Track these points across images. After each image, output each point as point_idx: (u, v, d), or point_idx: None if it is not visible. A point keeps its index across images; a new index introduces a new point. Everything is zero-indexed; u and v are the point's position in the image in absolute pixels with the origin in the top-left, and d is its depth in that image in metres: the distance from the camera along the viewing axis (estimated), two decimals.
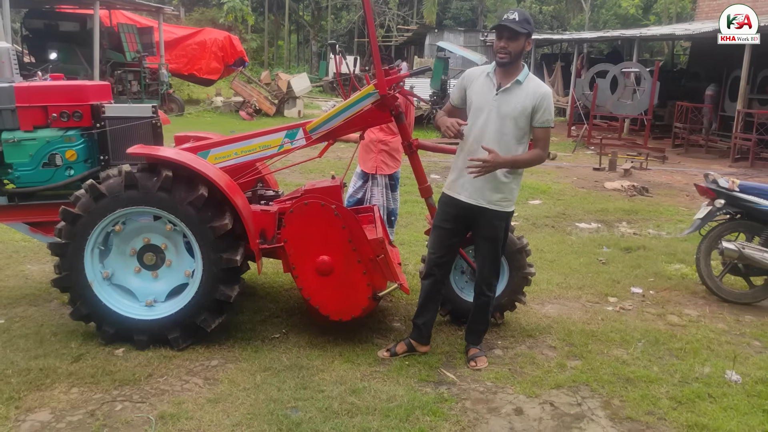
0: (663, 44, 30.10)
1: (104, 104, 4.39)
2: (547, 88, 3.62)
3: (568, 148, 14.86)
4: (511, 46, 3.49)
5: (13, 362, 3.60)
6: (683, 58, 26.78)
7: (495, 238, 3.76)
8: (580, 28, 36.17)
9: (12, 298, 4.57)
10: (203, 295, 3.78)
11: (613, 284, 5.50)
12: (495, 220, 3.70)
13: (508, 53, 3.50)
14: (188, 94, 23.51)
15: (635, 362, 3.98)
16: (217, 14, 34.74)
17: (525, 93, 3.55)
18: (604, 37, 23.13)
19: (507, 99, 3.56)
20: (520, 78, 3.57)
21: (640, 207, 8.71)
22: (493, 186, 3.63)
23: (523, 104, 3.54)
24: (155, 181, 3.66)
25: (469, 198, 3.68)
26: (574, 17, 41.36)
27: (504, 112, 3.56)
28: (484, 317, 3.97)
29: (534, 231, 7.23)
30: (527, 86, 3.57)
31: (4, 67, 4.28)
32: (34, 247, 5.69)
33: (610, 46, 28.39)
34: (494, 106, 3.58)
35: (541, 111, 3.55)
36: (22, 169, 4.15)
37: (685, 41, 24.02)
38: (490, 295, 3.91)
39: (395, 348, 3.93)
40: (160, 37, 19.50)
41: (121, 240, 3.88)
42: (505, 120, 3.56)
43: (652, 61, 23.70)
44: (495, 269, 3.88)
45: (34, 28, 18.23)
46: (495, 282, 3.95)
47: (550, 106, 3.59)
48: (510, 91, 3.57)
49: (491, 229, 3.73)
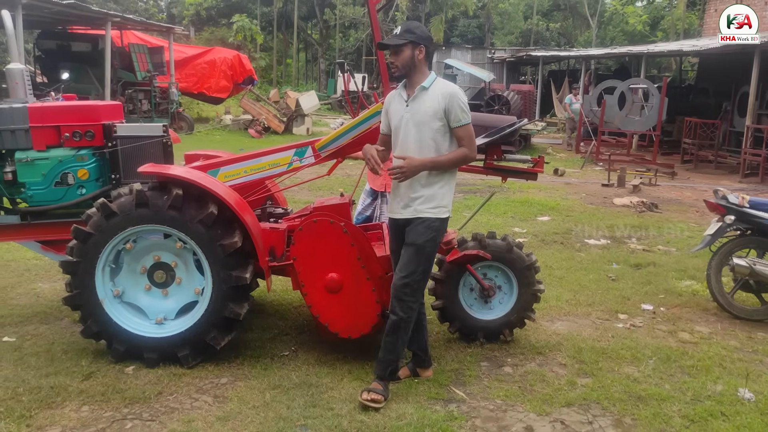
0: (671, 60, 30.14)
1: (116, 124, 4.45)
2: (453, 88, 3.58)
3: (576, 164, 14.85)
4: (398, 59, 3.50)
5: (24, 380, 3.62)
6: (691, 73, 26.80)
7: (417, 246, 3.51)
8: (588, 45, 36.27)
9: (23, 316, 4.60)
10: (213, 313, 3.79)
11: (624, 301, 5.47)
12: (421, 226, 3.53)
13: (396, 67, 3.53)
14: (198, 113, 23.71)
15: (647, 380, 3.95)
16: (227, 33, 35.13)
17: (432, 97, 3.50)
18: (611, 54, 23.21)
19: (416, 107, 3.52)
20: (425, 84, 3.53)
21: (649, 223, 8.68)
22: (419, 196, 3.53)
23: (433, 107, 3.49)
24: (166, 199, 3.69)
25: (402, 213, 3.60)
26: (581, 34, 41.51)
27: (417, 120, 3.51)
28: (390, 343, 3.59)
29: (543, 247, 7.21)
30: (434, 90, 3.52)
31: (18, 88, 4.34)
32: (45, 265, 5.74)
33: (617, 62, 28.49)
34: (408, 118, 3.54)
35: (453, 111, 3.47)
36: (35, 188, 4.20)
37: (692, 57, 24.05)
38: (401, 314, 3.53)
39: (398, 373, 3.80)
40: (171, 56, 19.72)
41: (131, 258, 3.91)
42: (420, 127, 3.51)
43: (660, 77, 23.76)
44: (411, 283, 3.52)
45: (47, 49, 18.50)
46: (408, 298, 3.53)
47: (459, 103, 3.49)
48: (417, 99, 3.53)
49: (416, 234, 3.53)
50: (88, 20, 18.23)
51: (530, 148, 17.19)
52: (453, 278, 4.36)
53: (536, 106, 24.14)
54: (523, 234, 7.78)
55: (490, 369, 4.06)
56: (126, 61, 18.34)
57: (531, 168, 4.32)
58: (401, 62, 3.51)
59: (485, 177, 4.51)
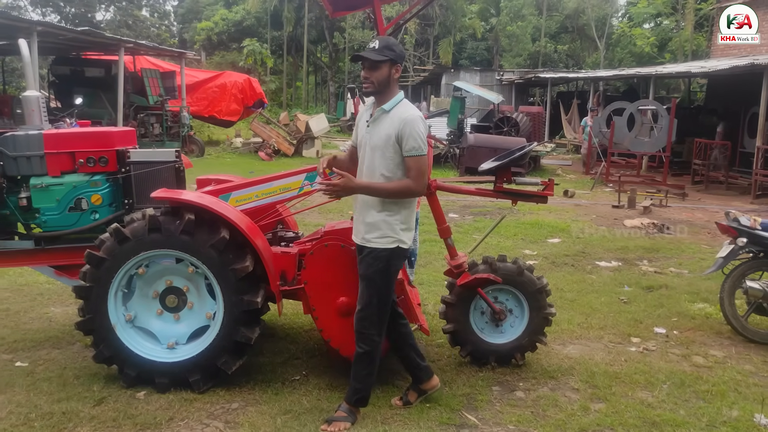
0: (679, 81, 30.18)
1: (129, 149, 4.50)
2: (412, 114, 3.34)
3: (586, 186, 14.83)
4: (373, 75, 3.33)
5: (37, 405, 3.63)
6: (700, 95, 26.82)
7: (367, 278, 3.43)
8: (596, 67, 36.44)
9: (36, 341, 4.62)
10: (224, 337, 3.80)
11: (636, 324, 5.43)
12: (369, 257, 3.43)
13: (371, 83, 3.35)
14: (208, 136, 23.91)
15: (661, 405, 3.91)
16: (237, 57, 35.58)
17: (390, 121, 3.34)
18: (619, 75, 23.27)
19: (375, 130, 3.40)
20: (385, 107, 3.36)
21: (660, 245, 8.64)
22: (368, 223, 3.43)
23: (387, 133, 3.32)
24: (178, 224, 3.72)
25: (355, 237, 3.56)
26: (589, 56, 41.75)
27: (373, 143, 3.39)
28: (359, 374, 3.53)
29: (553, 270, 7.19)
30: (393, 114, 3.35)
31: (34, 115, 4.41)
32: (57, 290, 5.77)
33: (626, 83, 28.56)
34: (366, 139, 3.44)
35: (405, 138, 3.28)
36: (49, 213, 4.24)
37: (701, 78, 24.07)
38: (363, 348, 3.48)
39: (407, 396, 3.82)
40: (182, 80, 19.96)
41: (144, 282, 3.93)
42: (374, 152, 3.38)
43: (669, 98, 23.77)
44: (366, 315, 3.44)
45: (61, 74, 18.78)
46: (368, 331, 3.45)
47: (415, 132, 3.29)
48: (377, 121, 3.40)
49: (365, 266, 3.45)
50: (102, 46, 18.53)
51: (540, 170, 17.19)
52: (464, 302, 4.35)
53: (545, 127, 24.19)
54: (533, 256, 7.76)
55: (502, 393, 4.03)
56: (138, 86, 18.59)
57: (541, 191, 4.32)
58: (377, 79, 3.34)
59: (495, 199, 4.50)
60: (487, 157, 5.25)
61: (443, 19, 38.08)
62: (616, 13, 42.56)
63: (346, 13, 5.31)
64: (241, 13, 39.24)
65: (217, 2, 43.13)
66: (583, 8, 39.41)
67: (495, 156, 4.70)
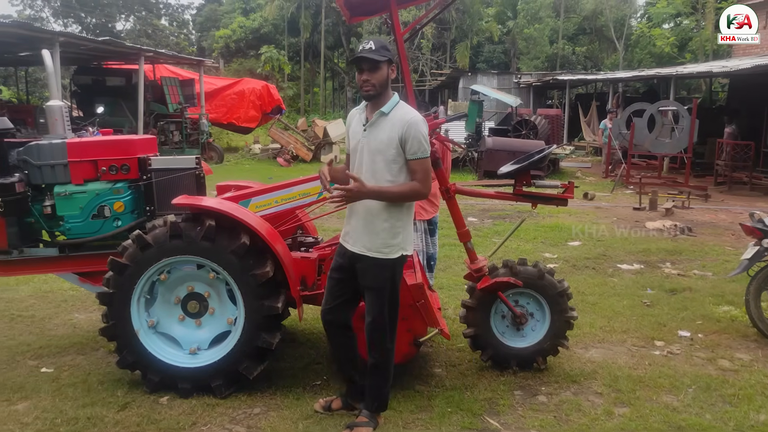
0: (700, 81, 29.84)
1: (150, 157, 4.55)
2: (414, 116, 3.30)
3: (606, 188, 14.71)
4: (374, 77, 3.26)
5: (62, 411, 3.67)
6: (722, 94, 26.48)
7: (375, 289, 3.38)
8: (615, 68, 36.15)
9: (60, 347, 4.68)
10: (245, 343, 3.82)
11: (659, 327, 5.36)
12: (375, 268, 3.36)
13: (372, 85, 3.27)
14: (227, 143, 24.11)
15: (686, 409, 3.86)
16: (255, 64, 35.84)
17: (391, 124, 3.28)
18: (639, 76, 23.06)
19: (374, 133, 3.32)
20: (384, 109, 3.29)
21: (683, 247, 8.53)
22: (371, 230, 3.34)
23: (389, 136, 3.26)
24: (199, 230, 3.75)
25: (353, 245, 3.43)
26: (607, 57, 41.44)
27: (373, 147, 3.31)
28: (373, 380, 3.52)
29: (574, 273, 7.13)
30: (393, 116, 3.29)
31: (58, 124, 4.47)
32: (81, 296, 5.84)
33: (645, 84, 28.28)
34: (364, 143, 3.35)
35: (409, 141, 3.23)
36: (73, 221, 4.30)
37: (723, 78, 23.78)
38: (374, 354, 3.46)
39: (331, 404, 3.70)
40: (201, 88, 20.15)
41: (166, 289, 3.96)
42: (375, 156, 3.30)
43: (690, 98, 23.51)
44: (378, 326, 3.41)
45: (83, 84, 19.06)
46: (381, 341, 3.43)
47: (419, 134, 3.25)
48: (376, 125, 3.32)
49: (372, 278, 3.38)
50: (122, 56, 18.76)
51: (559, 173, 17.09)
52: (484, 306, 4.34)
53: (564, 130, 24.04)
54: (553, 259, 7.70)
55: (524, 398, 4.00)
56: (158, 94, 18.80)
57: (561, 194, 4.30)
58: (378, 80, 3.27)
59: (515, 203, 4.48)
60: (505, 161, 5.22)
61: (460, 23, 38.04)
62: (634, 14, 42.21)
63: (363, 19, 5.32)
64: (258, 21, 39.53)
65: (234, 10, 43.51)
66: (601, 9, 39.15)
67: (513, 159, 4.68)
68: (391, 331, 3.46)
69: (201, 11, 49.26)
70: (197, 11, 50.58)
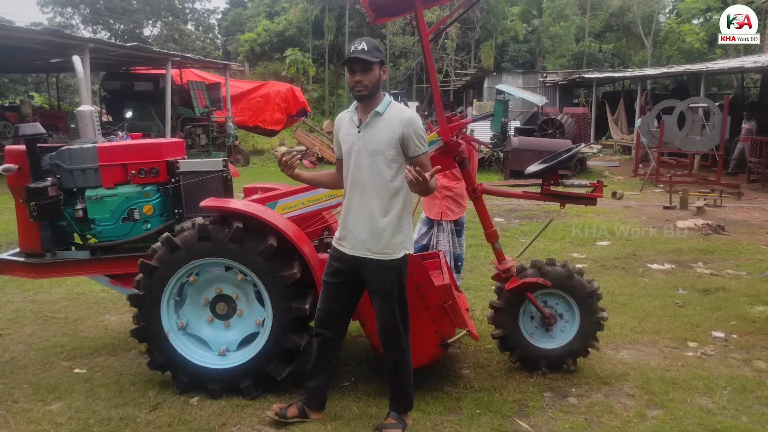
0: (731, 77, 29.26)
1: (178, 160, 4.59)
2: (410, 114, 3.32)
3: (635, 187, 14.50)
4: (366, 78, 3.26)
5: (95, 411, 3.72)
6: (754, 90, 25.94)
7: (383, 292, 3.36)
8: (643, 65, 35.64)
9: (93, 348, 4.75)
10: (273, 344, 3.84)
11: (692, 328, 5.26)
12: (381, 270, 3.34)
13: (365, 86, 3.26)
14: (253, 145, 24.30)
15: (721, 412, 3.77)
16: (280, 67, 36.08)
17: (387, 123, 3.28)
18: (668, 73, 22.71)
19: (370, 134, 3.30)
20: (379, 109, 3.29)
21: (716, 246, 8.36)
22: (373, 231, 3.31)
23: (388, 135, 3.26)
24: (227, 232, 3.77)
25: (352, 249, 3.38)
26: (635, 54, 40.84)
27: (371, 148, 3.29)
28: (395, 381, 3.53)
29: (604, 273, 7.03)
30: (389, 116, 3.29)
31: (88, 129, 4.55)
32: (112, 298, 5.93)
33: (675, 81, 27.84)
34: (360, 145, 3.32)
35: (411, 140, 3.26)
36: (104, 224, 4.36)
37: (755, 74, 23.29)
38: (390, 356, 3.46)
39: (286, 410, 3.57)
40: (227, 91, 20.35)
41: (194, 290, 3.99)
42: (374, 157, 3.28)
43: (721, 95, 23.07)
44: (391, 328, 3.41)
45: (112, 89, 19.40)
46: (395, 342, 3.43)
47: (419, 131, 3.28)
48: (371, 125, 3.31)
49: (378, 281, 3.36)
50: (150, 61, 19.05)
51: (586, 172, 16.90)
52: (512, 306, 4.29)
53: (591, 128, 23.77)
54: (582, 259, 7.61)
55: (554, 400, 3.95)
56: (185, 98, 19.04)
57: (590, 193, 4.24)
58: (371, 81, 3.27)
59: (542, 202, 4.43)
60: (531, 161, 5.17)
61: (484, 23, 37.85)
62: (663, 10, 41.55)
63: (388, 20, 5.31)
64: (283, 24, 39.81)
65: (259, 14, 43.87)
66: (628, 6, 38.60)
67: (540, 159, 4.63)
68: (404, 331, 3.45)
69: (226, 16, 49.78)
70: (222, 16, 51.15)
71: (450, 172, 5.13)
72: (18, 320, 5.40)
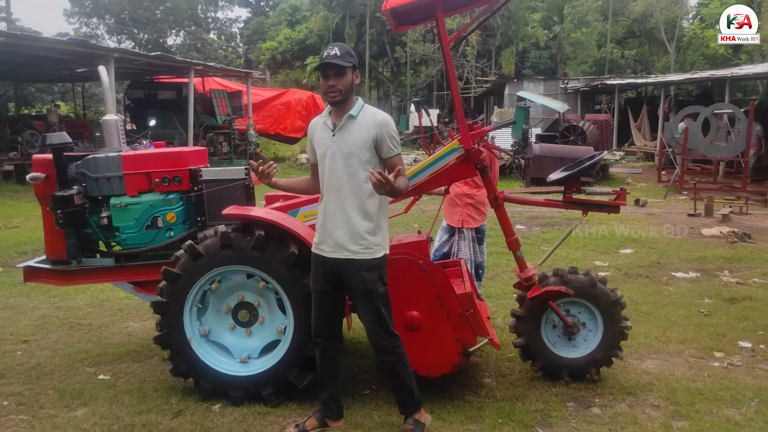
0: (757, 83, 28.82)
1: (201, 168, 4.64)
2: (384, 116, 3.38)
3: (659, 194, 14.33)
4: (340, 83, 3.31)
5: (119, 417, 3.76)
6: None
7: (368, 291, 3.37)
8: (666, 71, 35.25)
9: (117, 355, 4.81)
10: (295, 352, 3.85)
11: (719, 338, 5.17)
12: (364, 270, 3.35)
13: (338, 91, 3.32)
14: (274, 153, 24.45)
15: (749, 423, 3.70)
16: (301, 75, 36.33)
17: (361, 125, 3.33)
18: (692, 79, 22.44)
19: (344, 137, 3.35)
20: (352, 112, 3.35)
21: (742, 254, 8.22)
22: (352, 234, 3.35)
23: (362, 137, 3.31)
24: (249, 240, 3.80)
25: (332, 252, 3.39)
26: (658, 60, 40.42)
27: (345, 151, 3.33)
28: (397, 383, 3.52)
29: (627, 281, 6.95)
30: (362, 118, 3.35)
31: (113, 138, 4.62)
32: (136, 305, 5.99)
33: (699, 87, 27.50)
34: (335, 148, 3.36)
35: (384, 141, 3.32)
36: (128, 231, 4.41)
37: None
38: (386, 358, 3.46)
39: (305, 424, 3.56)
40: (248, 99, 20.53)
41: (217, 298, 4.02)
42: (349, 159, 3.33)
43: (746, 101, 22.73)
44: (379, 327, 3.41)
45: (136, 98, 19.67)
46: (386, 341, 3.42)
47: (392, 132, 3.35)
48: (345, 128, 3.36)
49: (361, 281, 3.37)
50: (173, 69, 19.29)
51: (608, 179, 16.75)
52: (534, 315, 4.26)
53: (613, 135, 23.56)
54: (604, 267, 7.53)
55: (577, 410, 3.90)
56: (207, 106, 19.26)
57: (613, 201, 4.20)
58: (344, 86, 3.33)
59: (564, 210, 4.40)
60: (552, 168, 5.14)
61: (505, 29, 37.73)
62: (686, 15, 41.11)
63: (409, 28, 5.34)
64: (304, 32, 40.10)
65: (280, 22, 44.25)
66: (651, 12, 38.25)
67: (561, 166, 4.60)
68: (391, 326, 3.46)
69: (248, 24, 50.30)
70: (244, 24, 51.69)
71: (471, 179, 5.12)
72: (44, 326, 5.48)
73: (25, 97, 27.69)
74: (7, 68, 18.09)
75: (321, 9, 38.85)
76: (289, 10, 45.00)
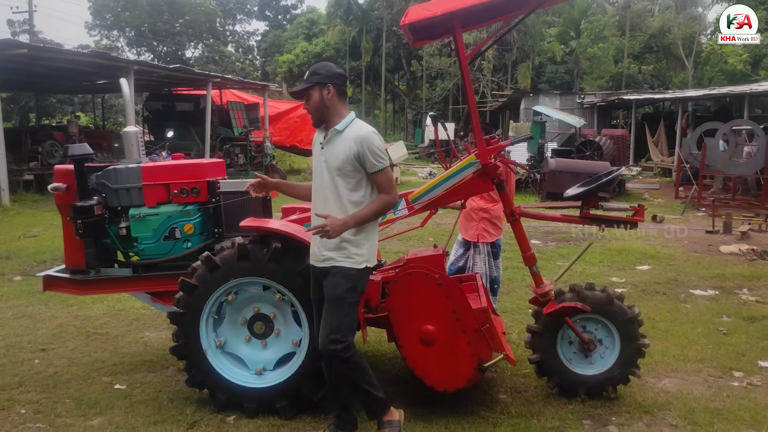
0: None
1: (219, 180, 4.68)
2: (366, 130, 3.36)
3: (676, 210, 14.21)
4: (309, 104, 3.41)
5: (134, 427, 3.78)
6: None
7: (336, 297, 3.35)
8: (683, 86, 35.06)
9: (133, 365, 4.83)
10: (310, 364, 3.84)
11: (738, 357, 5.10)
12: (339, 276, 3.36)
13: (311, 111, 3.43)
14: (290, 165, 24.57)
15: None
16: None
17: (345, 140, 3.34)
18: (710, 95, 22.28)
19: (331, 150, 3.39)
20: (338, 127, 3.37)
21: (762, 272, 8.12)
22: (337, 245, 3.37)
23: (345, 152, 3.32)
24: (265, 252, 3.81)
25: (321, 262, 3.44)
26: (675, 75, 40.24)
27: (331, 165, 3.38)
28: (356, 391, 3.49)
29: (644, 298, 6.88)
30: (347, 133, 3.36)
31: (133, 149, 4.67)
32: (152, 315, 6.03)
33: (717, 103, 27.31)
34: (322, 161, 3.43)
35: (365, 156, 3.30)
36: (146, 242, 4.45)
37: None
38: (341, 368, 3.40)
39: None
40: (265, 112, 20.70)
41: (233, 309, 4.04)
42: (333, 173, 3.37)
43: (765, 117, 22.53)
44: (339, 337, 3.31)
45: (154, 110, 19.89)
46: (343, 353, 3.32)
47: (373, 147, 3.31)
48: (331, 142, 3.40)
49: (333, 285, 3.37)
50: (192, 82, 19.50)
51: (625, 194, 16.64)
52: (550, 331, 4.23)
53: (630, 150, 23.43)
54: (621, 284, 7.47)
55: (594, 428, 3.86)
56: (224, 118, 19.41)
57: (631, 217, 4.17)
58: (312, 106, 3.41)
59: (581, 225, 4.37)
60: (569, 183, 5.12)
61: (521, 44, 37.82)
62: (704, 31, 40.94)
63: (427, 42, 5.39)
64: (320, 45, 40.45)
65: (297, 36, 44.66)
66: (668, 27, 38.13)
67: (577, 181, 4.59)
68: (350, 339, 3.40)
69: (265, 37, 50.82)
70: (262, 37, 52.24)
71: (487, 194, 5.11)
72: (61, 335, 5.53)
73: (46, 108, 28.12)
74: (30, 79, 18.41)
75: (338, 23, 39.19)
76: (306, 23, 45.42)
